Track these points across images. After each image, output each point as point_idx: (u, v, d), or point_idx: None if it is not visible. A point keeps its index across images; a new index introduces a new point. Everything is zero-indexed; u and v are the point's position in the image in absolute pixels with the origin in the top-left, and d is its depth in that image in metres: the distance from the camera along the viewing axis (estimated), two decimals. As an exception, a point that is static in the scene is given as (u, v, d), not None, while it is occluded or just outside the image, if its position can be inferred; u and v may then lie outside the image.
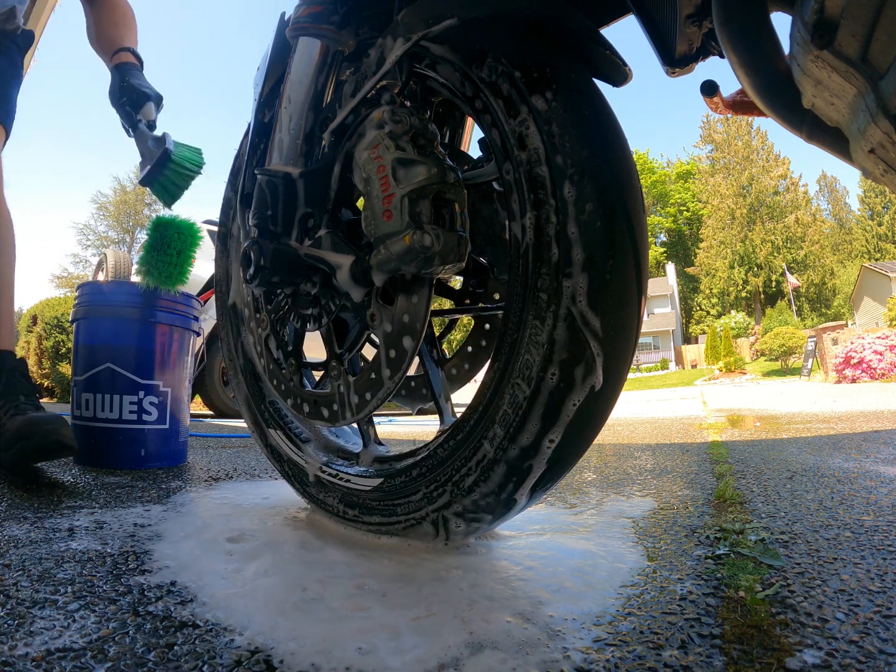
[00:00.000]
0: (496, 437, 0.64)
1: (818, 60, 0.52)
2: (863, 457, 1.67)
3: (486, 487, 0.67)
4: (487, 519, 0.71)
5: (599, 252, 0.59)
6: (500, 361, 0.65)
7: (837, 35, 0.49)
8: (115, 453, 1.52)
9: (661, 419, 4.00)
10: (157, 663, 0.46)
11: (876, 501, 1.06)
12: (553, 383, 0.61)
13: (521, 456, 0.64)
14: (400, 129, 0.63)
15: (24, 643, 0.48)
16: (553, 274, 0.60)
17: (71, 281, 33.00)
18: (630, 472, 1.53)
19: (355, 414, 0.78)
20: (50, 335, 8.56)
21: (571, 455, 0.66)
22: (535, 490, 0.67)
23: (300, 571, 0.69)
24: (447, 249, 0.61)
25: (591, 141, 0.61)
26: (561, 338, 0.60)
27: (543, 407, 0.61)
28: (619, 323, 0.61)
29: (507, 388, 0.63)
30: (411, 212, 0.61)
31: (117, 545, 0.79)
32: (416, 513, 0.75)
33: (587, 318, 0.59)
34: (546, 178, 0.60)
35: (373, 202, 0.64)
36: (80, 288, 1.64)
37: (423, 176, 0.61)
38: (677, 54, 0.69)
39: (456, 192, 0.63)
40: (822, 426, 2.79)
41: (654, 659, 0.48)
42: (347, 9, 0.70)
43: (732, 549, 0.78)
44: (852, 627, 0.53)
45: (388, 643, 0.51)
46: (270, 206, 0.76)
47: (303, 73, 0.74)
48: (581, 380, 0.60)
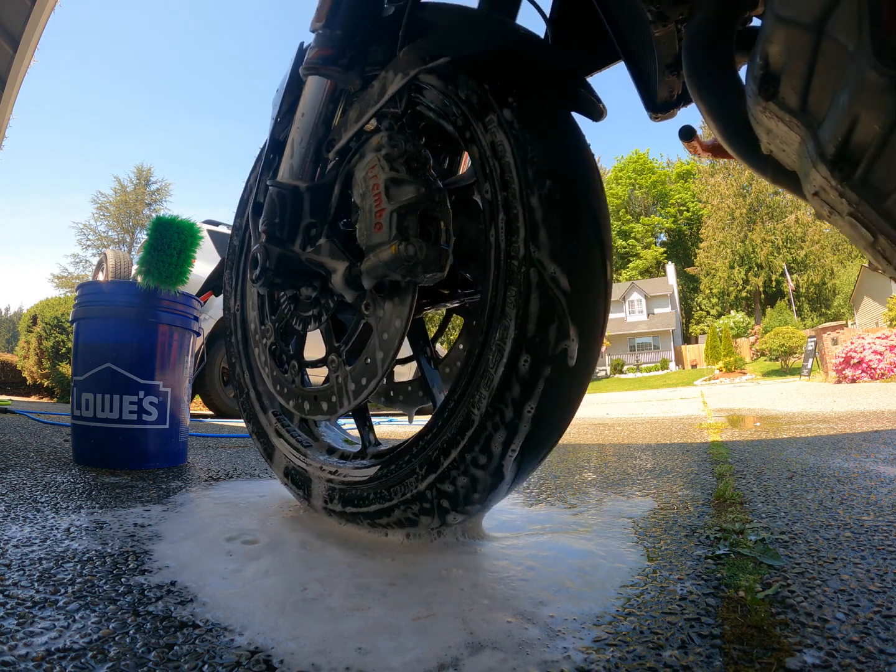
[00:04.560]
0: (481, 401, 0.68)
1: (766, 111, 0.57)
2: (863, 457, 1.67)
3: (473, 455, 0.69)
4: (476, 497, 0.72)
5: (560, 219, 0.66)
6: (481, 330, 0.70)
7: (780, 88, 0.54)
8: (115, 453, 1.52)
9: (661, 419, 4.00)
10: (157, 663, 0.46)
11: (876, 501, 1.06)
12: (530, 342, 0.66)
13: (505, 419, 0.67)
14: (395, 153, 0.71)
15: (25, 643, 0.48)
16: (523, 241, 0.67)
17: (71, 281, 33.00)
18: (630, 472, 1.53)
19: (352, 401, 0.82)
20: (50, 335, 8.55)
21: (551, 419, 0.69)
22: (521, 461, 0.69)
23: (300, 571, 0.69)
24: (429, 260, 0.68)
25: (552, 144, 0.69)
26: (534, 299, 0.65)
27: (527, 364, 0.66)
28: (585, 281, 0.67)
29: (488, 352, 0.68)
30: (399, 225, 0.68)
31: (117, 545, 0.79)
32: (411, 492, 0.76)
33: (556, 277, 0.65)
34: (511, 165, 0.69)
35: (367, 215, 0.72)
36: (80, 288, 1.64)
37: (412, 195, 0.69)
38: (659, 100, 0.78)
39: (441, 210, 0.70)
40: (822, 426, 2.79)
41: (654, 659, 0.48)
42: (355, 52, 0.78)
43: (732, 549, 0.78)
44: (852, 627, 0.53)
45: (389, 643, 0.51)
46: (279, 215, 0.85)
47: (313, 103, 0.83)
48: (555, 339, 0.66)
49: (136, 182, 38.23)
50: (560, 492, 1.26)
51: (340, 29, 0.78)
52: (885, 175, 0.52)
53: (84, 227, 36.21)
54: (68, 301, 9.07)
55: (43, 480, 1.28)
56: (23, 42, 4.71)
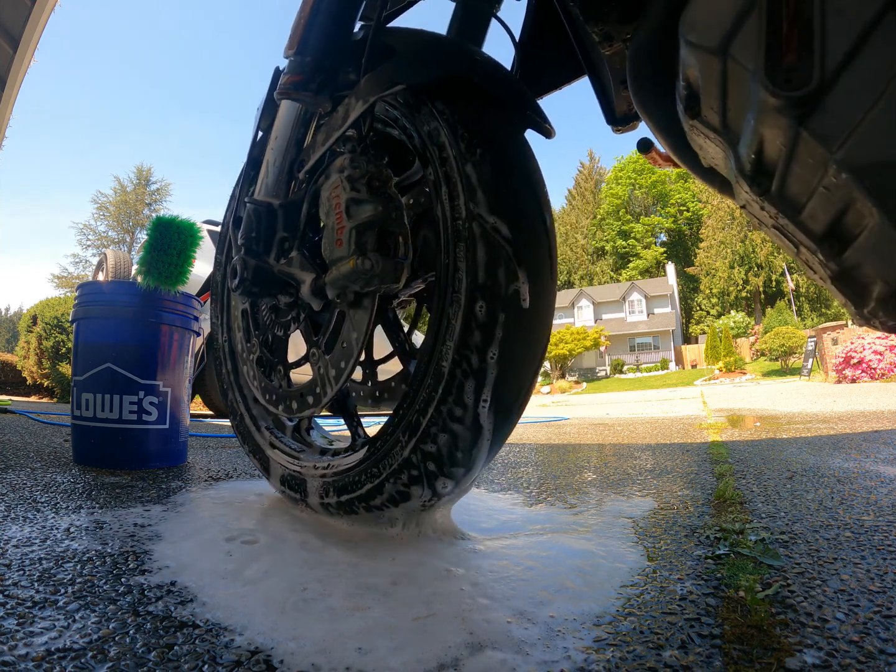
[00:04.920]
0: (448, 353, 0.73)
1: (694, 129, 0.60)
2: (863, 457, 1.67)
3: (449, 407, 0.73)
4: (460, 456, 0.74)
5: (493, 178, 0.73)
6: (440, 289, 0.75)
7: (701, 107, 0.57)
8: (115, 453, 1.52)
9: (661, 419, 4.00)
10: (157, 663, 0.46)
11: (876, 501, 1.06)
12: (483, 288, 0.71)
13: (472, 366, 0.71)
14: (357, 174, 0.75)
15: (25, 643, 0.48)
16: (463, 204, 0.73)
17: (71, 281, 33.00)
18: (630, 472, 1.53)
19: (334, 386, 0.86)
20: (50, 335, 8.55)
21: (515, 363, 0.73)
22: (496, 411, 0.72)
23: (300, 571, 0.69)
24: (385, 273, 0.73)
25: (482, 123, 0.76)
26: (480, 248, 0.72)
27: (483, 310, 0.71)
28: (525, 228, 0.73)
29: (448, 306, 0.74)
30: (357, 241, 0.74)
31: (117, 545, 0.79)
32: (398, 461, 0.78)
33: (497, 226, 0.72)
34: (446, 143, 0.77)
35: (330, 232, 0.77)
36: (80, 288, 1.64)
37: (370, 213, 0.74)
38: (618, 114, 0.83)
39: (398, 225, 0.75)
40: (822, 426, 2.79)
41: (654, 659, 0.48)
42: (324, 77, 0.83)
43: (732, 549, 0.78)
44: (852, 627, 0.53)
45: (389, 643, 0.51)
46: (255, 229, 0.92)
47: (286, 125, 0.89)
48: (505, 282, 0.71)
49: (136, 182, 38.24)
50: (560, 492, 1.26)
51: (310, 56, 0.83)
52: (797, 189, 0.55)
53: (84, 227, 36.23)
54: (68, 301, 9.07)
55: (43, 480, 1.28)
56: (23, 42, 4.71)
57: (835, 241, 0.55)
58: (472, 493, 1.27)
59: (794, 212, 0.58)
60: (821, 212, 0.55)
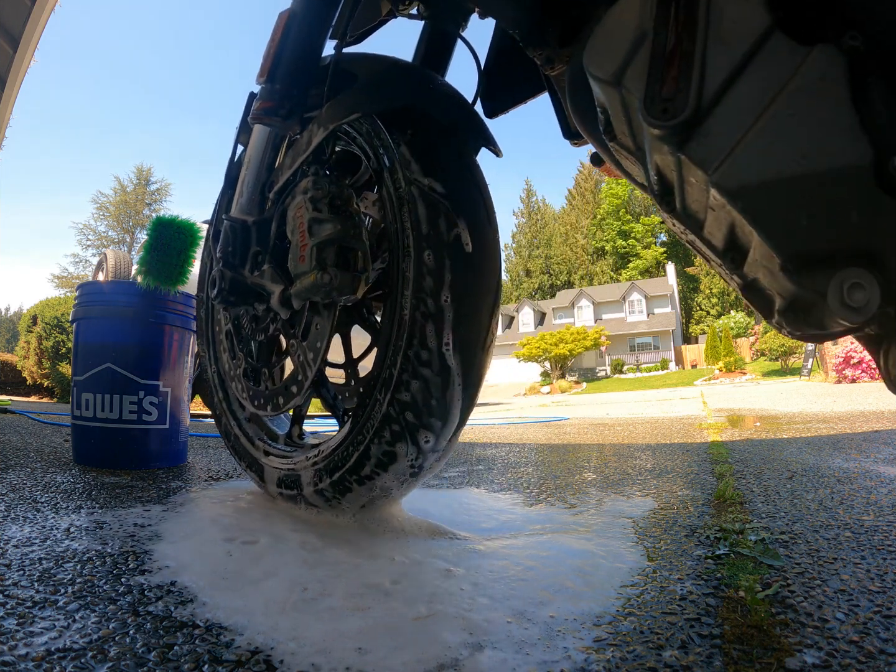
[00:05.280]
0: (406, 301, 0.80)
1: (615, 150, 0.64)
2: (863, 457, 1.67)
3: (415, 351, 0.79)
4: (435, 405, 0.79)
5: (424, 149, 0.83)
6: (393, 250, 0.84)
7: (615, 130, 0.61)
8: (115, 453, 1.52)
9: (661, 419, 4.00)
10: (158, 663, 0.46)
11: (876, 501, 1.06)
12: (428, 237, 0.79)
13: (428, 309, 0.78)
14: (319, 195, 0.82)
15: (25, 643, 0.48)
16: (402, 175, 0.83)
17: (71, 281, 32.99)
18: (630, 472, 1.53)
19: (313, 367, 0.91)
20: (50, 335, 8.55)
21: (468, 304, 0.80)
22: (461, 353, 0.79)
23: (300, 571, 0.69)
24: (343, 285, 0.80)
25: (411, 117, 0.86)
26: (420, 205, 0.81)
27: (430, 257, 0.79)
28: (457, 183, 0.83)
29: (401, 261, 0.82)
30: (318, 257, 0.80)
31: (117, 545, 0.79)
32: (378, 418, 0.82)
33: (432, 185, 0.81)
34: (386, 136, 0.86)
35: (295, 248, 0.85)
36: (80, 288, 1.64)
37: (330, 231, 0.81)
38: (571, 129, 0.88)
39: (357, 241, 0.82)
40: (822, 426, 2.79)
41: (654, 659, 0.48)
42: (293, 103, 0.90)
43: (732, 549, 0.78)
44: (852, 627, 0.53)
45: (389, 643, 0.51)
46: (231, 244, 1.00)
47: (258, 148, 0.97)
48: (445, 229, 0.79)
49: (136, 182, 38.23)
50: (560, 492, 1.26)
51: (279, 84, 0.89)
52: (695, 208, 0.58)
53: (84, 227, 36.20)
54: (68, 301, 9.06)
55: (43, 480, 1.28)
56: (23, 42, 4.71)
57: (735, 255, 0.59)
58: (472, 493, 1.27)
59: (698, 228, 0.62)
60: (716, 229, 0.59)
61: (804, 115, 0.49)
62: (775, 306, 0.56)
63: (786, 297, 0.54)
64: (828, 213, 0.50)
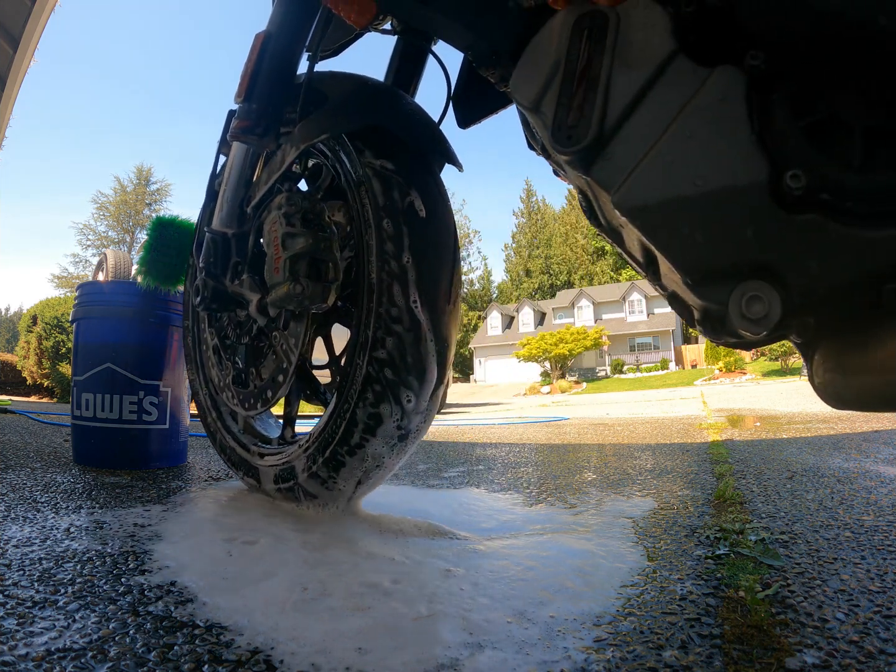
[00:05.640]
0: (371, 266, 0.87)
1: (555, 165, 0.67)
2: (863, 457, 1.67)
3: (385, 308, 0.84)
4: (410, 361, 0.84)
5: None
6: (357, 224, 0.91)
7: (549, 149, 0.64)
8: (115, 453, 1.52)
9: (661, 419, 4.00)
10: (157, 663, 0.46)
11: (876, 501, 1.06)
12: (384, 208, 0.86)
13: (392, 271, 0.84)
14: (292, 210, 0.87)
15: (25, 643, 0.48)
16: (358, 162, 0.90)
17: (71, 281, 32.98)
18: (630, 472, 1.53)
19: (296, 351, 0.96)
20: (50, 335, 8.56)
21: (427, 265, 0.86)
22: (428, 308, 0.84)
23: (301, 571, 0.69)
24: (314, 295, 0.86)
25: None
26: (375, 183, 0.87)
27: (389, 224, 0.86)
28: (408, 161, 0.89)
29: (364, 234, 0.89)
30: (291, 269, 0.86)
31: (117, 545, 0.79)
32: (359, 380, 0.86)
33: (384, 165, 0.88)
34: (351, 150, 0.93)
35: (270, 261, 0.90)
36: (80, 288, 1.64)
37: (302, 245, 0.86)
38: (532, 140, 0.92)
39: (328, 253, 0.87)
40: (822, 426, 2.79)
41: (654, 659, 0.48)
42: (269, 121, 0.94)
43: (732, 549, 0.78)
44: (852, 627, 0.53)
45: (389, 643, 0.51)
46: (213, 255, 1.06)
47: (237, 164, 1.03)
48: (400, 198, 0.86)
49: (136, 182, 38.22)
50: (560, 492, 1.26)
51: (256, 103, 0.93)
52: (615, 223, 0.61)
53: (84, 227, 36.16)
54: (68, 301, 9.06)
55: (43, 480, 1.28)
56: (23, 42, 4.70)
57: (654, 269, 0.61)
58: (472, 492, 1.27)
59: (620, 243, 0.65)
60: (632, 245, 0.62)
61: (702, 137, 0.51)
62: (695, 316, 0.58)
63: (698, 309, 0.56)
64: (724, 230, 0.51)
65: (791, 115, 0.49)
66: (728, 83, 0.51)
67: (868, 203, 0.47)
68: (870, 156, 0.47)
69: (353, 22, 0.83)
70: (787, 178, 0.48)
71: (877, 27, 0.45)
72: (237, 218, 1.04)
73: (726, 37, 0.53)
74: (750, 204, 0.49)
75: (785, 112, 0.49)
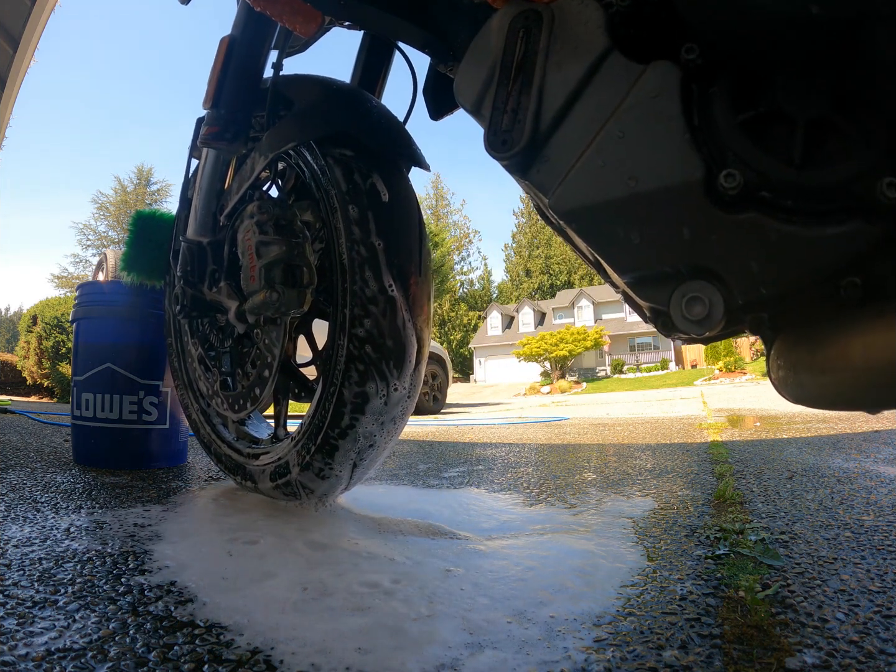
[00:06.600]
0: (342, 249, 0.87)
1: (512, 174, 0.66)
2: (863, 457, 1.67)
3: (360, 286, 0.84)
4: (388, 333, 0.84)
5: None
6: (323, 216, 0.92)
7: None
8: (115, 453, 1.52)
9: (661, 419, 4.00)
10: (158, 663, 0.46)
11: (876, 501, 1.06)
12: (348, 192, 0.86)
13: (362, 253, 0.85)
14: (264, 218, 0.89)
15: (25, 643, 0.48)
16: (321, 153, 0.90)
17: (71, 281, 32.98)
18: (630, 472, 1.53)
19: (278, 344, 0.96)
20: (50, 335, 8.55)
21: (396, 244, 0.87)
22: (402, 287, 0.85)
23: (301, 571, 0.69)
24: (290, 301, 0.88)
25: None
26: (337, 171, 0.88)
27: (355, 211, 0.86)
28: (369, 147, 0.89)
29: (331, 219, 0.89)
30: (266, 277, 0.88)
31: (117, 545, 0.79)
32: (345, 351, 0.86)
33: (343, 153, 0.88)
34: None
35: (246, 269, 0.92)
36: (80, 288, 1.64)
37: (275, 252, 0.88)
38: None
39: (302, 259, 0.89)
40: (822, 426, 2.79)
41: (654, 659, 0.48)
42: (238, 127, 0.95)
43: (732, 549, 0.78)
44: (852, 627, 0.53)
45: (389, 643, 0.51)
46: (190, 263, 1.08)
47: (208, 171, 1.03)
48: (362, 181, 0.87)
49: (136, 182, 38.22)
50: (560, 492, 1.26)
51: (224, 109, 0.93)
52: (575, 228, 0.59)
53: (84, 227, 36.18)
54: (68, 301, 9.06)
55: (43, 480, 1.28)
56: (23, 42, 4.70)
57: (602, 268, 0.61)
58: (472, 492, 1.27)
59: (573, 244, 0.65)
60: (580, 244, 0.61)
61: (634, 136, 0.50)
62: (647, 314, 0.57)
63: (645, 309, 0.55)
64: (660, 232, 0.50)
65: (729, 111, 0.47)
66: (662, 79, 0.49)
67: (812, 200, 0.45)
68: (813, 151, 0.45)
69: (300, 32, 0.83)
70: (721, 177, 0.46)
71: (811, 14, 0.43)
72: (211, 227, 1.05)
73: (662, 30, 0.51)
74: (685, 204, 0.48)
75: (722, 107, 0.47)
